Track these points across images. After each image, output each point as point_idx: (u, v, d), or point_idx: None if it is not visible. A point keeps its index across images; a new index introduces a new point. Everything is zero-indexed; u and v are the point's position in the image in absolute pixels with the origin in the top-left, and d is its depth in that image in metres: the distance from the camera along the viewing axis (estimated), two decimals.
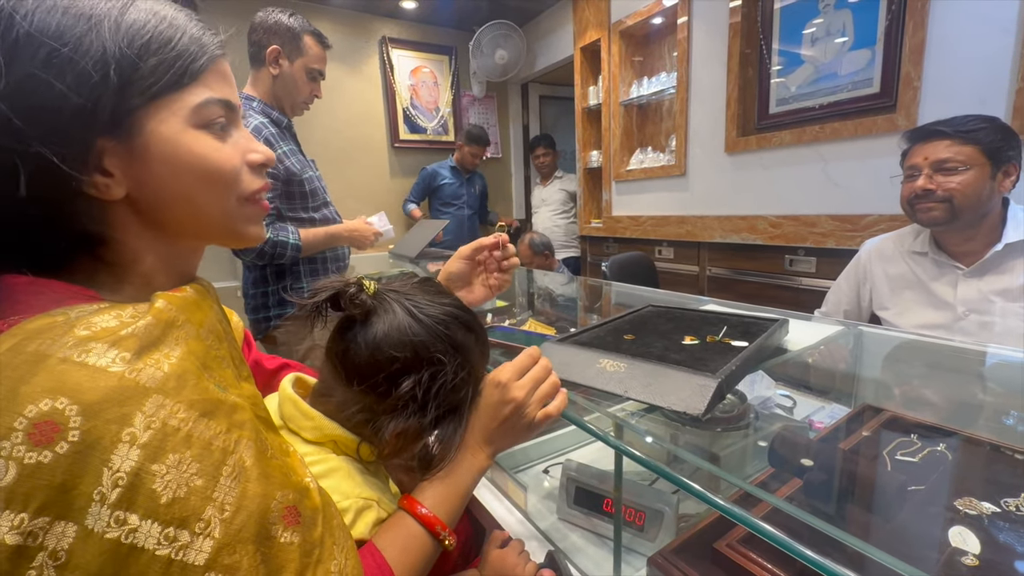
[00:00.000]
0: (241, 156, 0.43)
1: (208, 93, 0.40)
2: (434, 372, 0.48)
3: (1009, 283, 1.02)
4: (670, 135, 2.53)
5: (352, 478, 0.50)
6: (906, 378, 0.93)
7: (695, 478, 0.45)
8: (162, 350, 0.33)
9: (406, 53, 3.37)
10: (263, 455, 0.36)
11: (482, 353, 0.55)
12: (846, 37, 1.78)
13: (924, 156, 1.06)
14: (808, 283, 1.89)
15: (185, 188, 0.39)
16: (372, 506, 0.49)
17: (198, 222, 0.42)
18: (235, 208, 0.43)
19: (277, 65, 1.35)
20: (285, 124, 1.43)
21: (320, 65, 1.40)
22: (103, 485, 0.28)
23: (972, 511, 0.52)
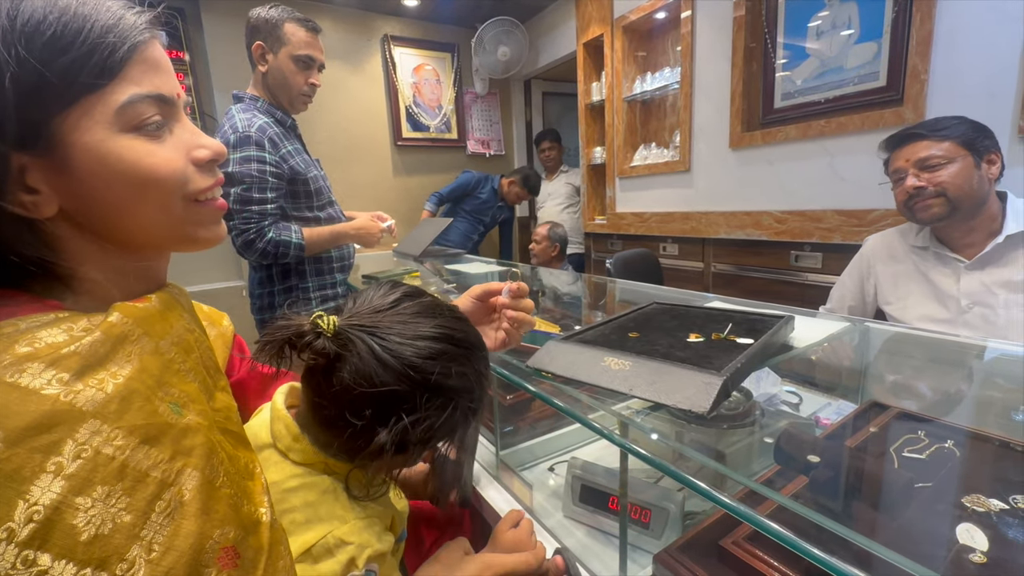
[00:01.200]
0: (184, 155, 0.39)
1: (133, 89, 0.35)
2: (413, 419, 0.44)
3: (1011, 275, 1.01)
4: (674, 131, 2.51)
5: (339, 501, 0.48)
6: (913, 374, 0.93)
7: (701, 475, 0.45)
8: (108, 369, 0.31)
9: (408, 51, 3.37)
10: (209, 485, 0.33)
11: (479, 376, 0.49)
12: (852, 30, 1.77)
13: (905, 159, 1.08)
14: (814, 279, 1.88)
15: (121, 199, 0.36)
16: (374, 521, 0.49)
17: (144, 231, 0.38)
18: (183, 212, 0.39)
19: (264, 61, 1.33)
20: (289, 124, 1.43)
21: (308, 51, 1.34)
22: (14, 520, 0.25)
23: (980, 508, 0.51)
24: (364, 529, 0.47)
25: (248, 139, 1.27)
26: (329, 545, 0.45)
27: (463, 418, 0.47)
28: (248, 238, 1.29)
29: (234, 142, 1.26)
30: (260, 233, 1.30)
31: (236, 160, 1.26)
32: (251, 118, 1.30)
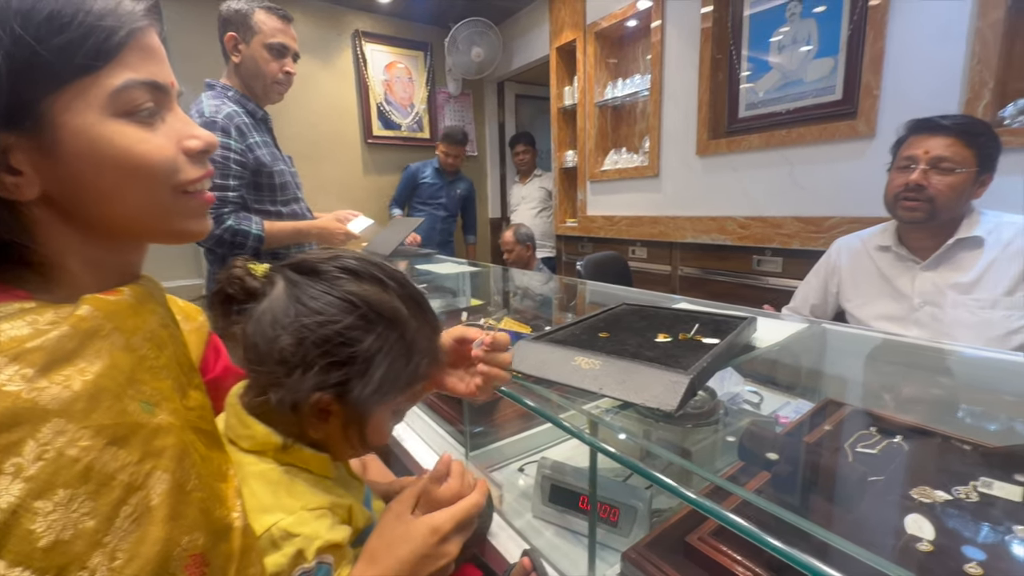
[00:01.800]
0: (175, 144, 0.38)
1: (128, 75, 0.34)
2: (317, 371, 0.42)
3: (960, 276, 1.08)
4: (644, 137, 2.57)
5: (293, 489, 0.45)
6: (865, 373, 0.97)
7: (668, 473, 0.46)
8: (76, 364, 0.29)
9: (380, 48, 3.32)
10: (179, 489, 0.32)
11: (392, 347, 0.45)
12: (811, 46, 1.85)
13: (925, 150, 1.06)
14: (775, 282, 1.95)
15: (109, 185, 0.35)
16: (325, 514, 0.46)
17: (129, 220, 0.37)
18: (170, 202, 0.38)
19: (237, 51, 1.32)
20: (260, 116, 1.41)
21: (281, 38, 1.33)
22: None
23: (926, 499, 0.54)
24: (313, 520, 0.45)
25: (214, 124, 1.25)
26: (274, 537, 0.43)
27: (378, 385, 0.44)
28: None
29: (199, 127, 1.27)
30: (218, 219, 1.27)
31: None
32: (220, 105, 1.28)
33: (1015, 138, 1.30)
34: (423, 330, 0.48)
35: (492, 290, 1.83)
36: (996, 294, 1.04)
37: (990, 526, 0.50)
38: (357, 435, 0.47)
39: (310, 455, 0.48)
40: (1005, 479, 0.56)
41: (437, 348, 0.52)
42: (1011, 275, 1.03)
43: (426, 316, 0.49)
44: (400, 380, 0.46)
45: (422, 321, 0.48)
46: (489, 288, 1.85)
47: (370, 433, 0.48)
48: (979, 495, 0.55)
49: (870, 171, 1.64)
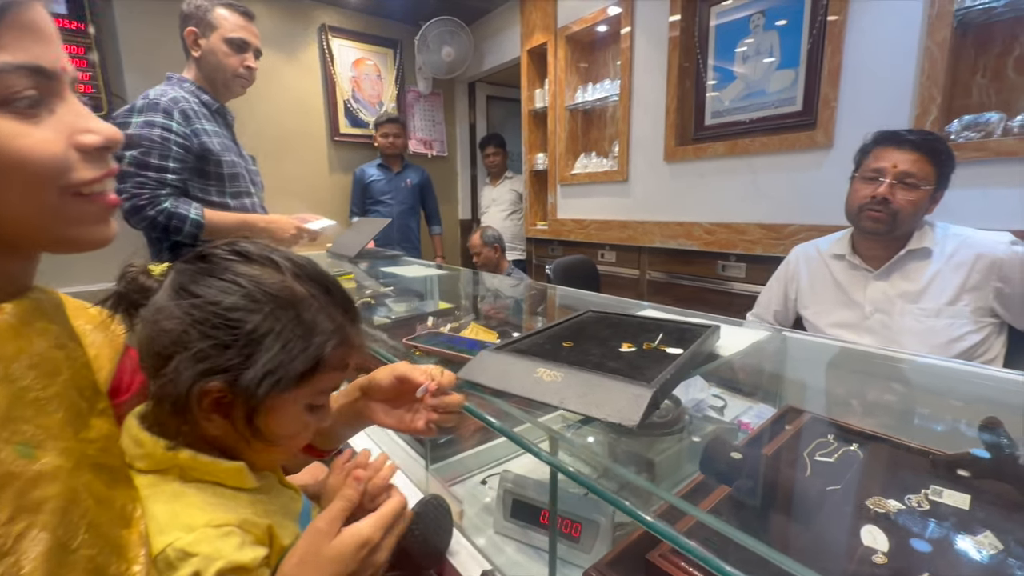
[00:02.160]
0: (65, 139, 0.33)
1: (3, 57, 0.29)
2: (204, 358, 0.40)
3: (909, 286, 1.12)
4: (613, 141, 2.59)
5: (195, 503, 0.41)
6: (824, 381, 0.99)
7: (629, 488, 0.45)
8: None
9: (348, 43, 3.23)
10: (61, 549, 0.28)
11: (283, 329, 0.42)
12: (773, 58, 1.90)
13: (894, 163, 1.07)
14: (739, 288, 2.00)
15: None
16: (232, 532, 0.41)
17: (7, 227, 0.32)
18: (57, 206, 0.33)
19: (197, 46, 1.31)
20: (216, 108, 1.38)
21: (240, 33, 1.34)
22: None
23: (880, 509, 0.55)
24: (217, 538, 0.40)
25: (156, 105, 1.23)
26: (170, 558, 0.37)
27: (270, 368, 0.41)
28: (138, 203, 1.21)
29: (140, 107, 1.22)
30: (153, 201, 1.22)
31: (138, 124, 1.21)
32: (166, 90, 1.27)
33: (960, 153, 1.36)
34: (326, 312, 0.45)
35: (460, 294, 1.80)
36: (940, 303, 1.08)
37: (940, 535, 0.51)
38: (259, 431, 0.42)
39: (222, 466, 0.43)
40: (953, 487, 0.57)
41: (351, 335, 0.47)
42: (954, 285, 1.08)
43: (332, 298, 0.46)
44: (297, 364, 0.42)
45: (325, 303, 0.45)
46: (458, 292, 1.82)
47: (275, 428, 0.43)
48: (930, 503, 0.56)
49: (828, 180, 1.69)
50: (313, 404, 0.46)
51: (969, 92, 1.48)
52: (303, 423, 0.46)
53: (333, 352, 0.44)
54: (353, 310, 0.48)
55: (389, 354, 0.83)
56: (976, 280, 1.06)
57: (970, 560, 0.48)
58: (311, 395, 0.45)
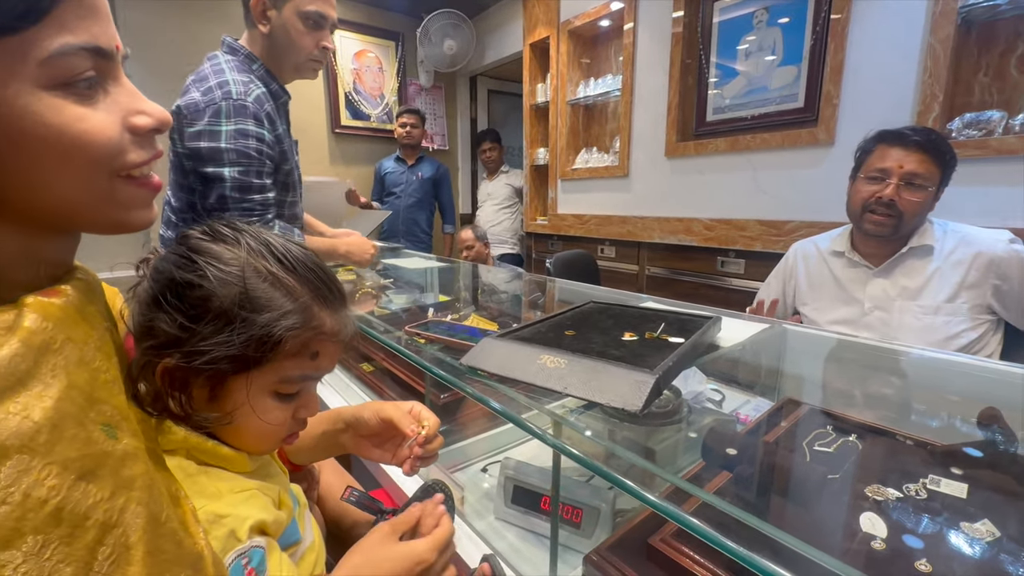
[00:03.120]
0: (120, 121, 0.32)
1: (65, 37, 0.28)
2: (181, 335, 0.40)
3: (909, 283, 1.12)
4: (614, 136, 2.58)
5: (213, 476, 0.43)
6: (823, 373, 1.00)
7: (631, 474, 0.45)
8: (32, 389, 0.26)
9: (349, 35, 3.22)
10: (155, 522, 0.29)
11: (238, 312, 0.41)
12: (775, 55, 1.90)
13: (899, 164, 1.05)
14: (738, 284, 2.00)
15: (37, 170, 0.29)
16: (254, 494, 0.43)
17: (59, 209, 0.32)
18: (107, 189, 0.33)
19: (266, 20, 1.08)
20: (283, 100, 1.19)
21: (319, 6, 1.09)
22: None
23: (879, 497, 0.55)
24: (242, 502, 0.42)
25: (244, 109, 1.03)
26: (202, 523, 0.39)
27: (219, 341, 0.40)
28: None
29: (227, 110, 1.01)
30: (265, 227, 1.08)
31: (231, 134, 1.00)
32: (248, 84, 1.06)
33: (961, 151, 1.37)
34: (283, 289, 0.43)
35: (460, 286, 1.80)
36: (938, 301, 1.09)
37: (938, 522, 0.52)
38: (218, 413, 0.42)
39: (223, 452, 0.44)
40: (951, 476, 0.58)
41: (318, 318, 0.44)
42: (952, 283, 1.08)
43: (296, 276, 0.44)
44: (239, 338, 0.40)
45: (287, 281, 0.43)
46: (457, 284, 1.82)
47: (237, 412, 0.43)
48: (928, 492, 0.56)
49: (829, 178, 1.69)
50: (281, 391, 0.45)
51: (971, 90, 1.48)
52: (269, 411, 0.44)
53: (290, 335, 0.42)
54: (328, 291, 0.46)
55: (392, 342, 0.84)
56: (975, 278, 1.07)
57: (968, 546, 0.48)
58: (274, 382, 0.44)
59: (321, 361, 0.46)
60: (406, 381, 1.09)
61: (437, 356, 0.74)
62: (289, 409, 0.46)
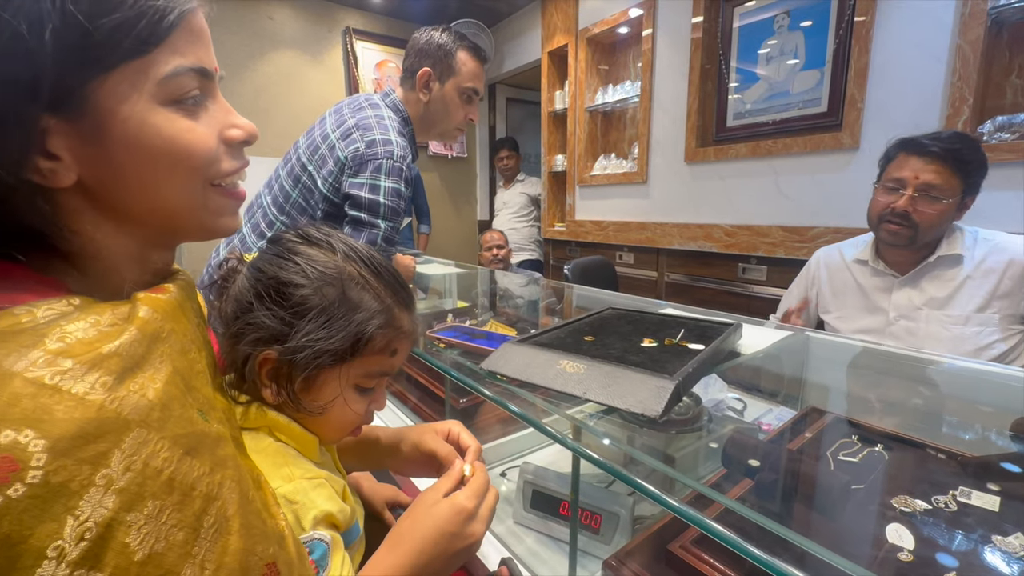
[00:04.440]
0: (217, 134, 0.36)
1: (178, 60, 0.32)
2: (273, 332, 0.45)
3: (936, 292, 1.09)
4: (633, 143, 2.58)
5: (289, 459, 0.45)
6: (848, 382, 0.98)
7: (650, 480, 0.45)
8: (146, 372, 0.28)
9: (371, 46, 3.29)
10: (244, 499, 0.32)
11: (321, 311, 0.45)
12: (797, 59, 1.88)
13: (915, 174, 1.03)
14: (759, 290, 1.97)
15: (150, 175, 0.33)
16: (323, 483, 0.46)
17: (163, 213, 0.35)
18: (201, 196, 0.36)
19: (427, 89, 1.19)
20: (414, 172, 1.31)
21: (475, 83, 1.21)
22: (64, 539, 0.23)
23: (907, 508, 0.54)
24: (311, 489, 0.44)
25: (400, 171, 1.11)
26: (309, 487, 0.43)
27: (314, 336, 0.44)
28: None
29: (387, 168, 1.09)
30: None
31: (389, 191, 1.09)
32: (406, 148, 1.14)
33: (992, 154, 1.33)
34: (373, 293, 0.47)
35: (479, 292, 1.81)
36: (968, 311, 1.06)
37: (968, 535, 0.50)
38: (309, 403, 0.46)
39: (299, 431, 0.47)
40: (983, 489, 0.56)
41: (399, 319, 0.49)
42: (983, 292, 1.05)
43: (382, 282, 0.49)
44: (338, 337, 0.44)
45: (375, 285, 0.48)
46: (475, 289, 1.84)
47: (325, 403, 0.46)
48: (958, 504, 0.55)
49: (854, 182, 1.66)
50: (362, 386, 0.49)
51: (1003, 92, 1.45)
52: (353, 403, 0.48)
53: (378, 333, 0.46)
54: (405, 296, 0.50)
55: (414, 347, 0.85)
56: (1008, 287, 1.04)
57: (1001, 560, 0.47)
58: (359, 376, 0.48)
59: (397, 358, 0.51)
60: (426, 385, 1.10)
61: (457, 360, 0.76)
62: (366, 402, 0.50)
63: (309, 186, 1.15)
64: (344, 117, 1.17)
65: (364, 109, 1.17)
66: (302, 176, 1.15)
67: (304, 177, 1.15)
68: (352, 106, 1.19)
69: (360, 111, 1.16)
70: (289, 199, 1.17)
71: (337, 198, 1.13)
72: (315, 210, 1.15)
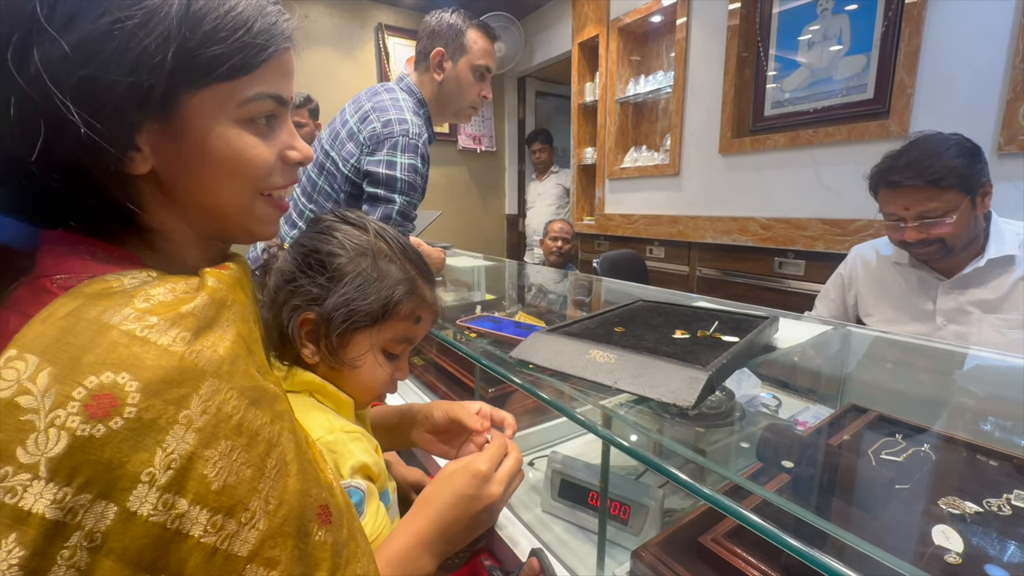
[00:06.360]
0: (278, 153, 0.41)
1: (260, 87, 0.37)
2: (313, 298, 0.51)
3: (987, 294, 1.03)
4: (665, 134, 2.53)
5: (328, 414, 0.51)
6: (892, 379, 0.94)
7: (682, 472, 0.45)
8: (216, 332, 0.32)
9: (403, 41, 3.33)
10: (299, 450, 0.35)
11: (357, 278, 0.51)
12: (842, 44, 1.80)
13: (905, 206, 1.00)
14: (796, 286, 1.91)
15: (213, 179, 0.37)
16: (360, 437, 0.50)
17: (213, 211, 0.39)
18: (250, 203, 0.40)
19: (441, 69, 1.22)
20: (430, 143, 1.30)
21: (487, 60, 1.23)
22: (154, 466, 0.27)
23: (956, 510, 0.52)
24: (349, 442, 0.49)
25: (416, 148, 1.15)
26: (347, 439, 0.48)
27: (348, 298, 0.50)
28: None
29: (403, 145, 1.13)
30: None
31: (406, 167, 1.13)
32: (421, 127, 1.18)
33: None
34: (399, 265, 0.54)
35: (507, 284, 1.82)
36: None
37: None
38: (343, 360, 0.51)
39: (333, 391, 0.52)
40: None
41: (422, 288, 0.55)
42: None
43: (407, 255, 0.55)
44: (370, 301, 0.50)
45: (402, 259, 0.54)
46: (503, 282, 1.84)
47: (356, 361, 0.52)
48: (1012, 508, 0.52)
49: None
50: (388, 350, 0.54)
51: None
52: (381, 366, 0.54)
53: (404, 300, 0.52)
54: (427, 271, 0.57)
55: (444, 335, 0.87)
56: None
57: None
58: (387, 340, 0.53)
59: (421, 326, 0.56)
60: (455, 374, 1.12)
61: (487, 349, 0.76)
62: (391, 368, 0.55)
63: (332, 171, 1.19)
64: (361, 103, 1.21)
65: (380, 94, 1.21)
66: (326, 163, 1.19)
67: (328, 164, 1.19)
68: (368, 93, 1.23)
69: (376, 96, 1.21)
70: (316, 187, 1.22)
71: (358, 178, 1.17)
72: (339, 193, 1.20)
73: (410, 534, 0.46)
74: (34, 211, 0.35)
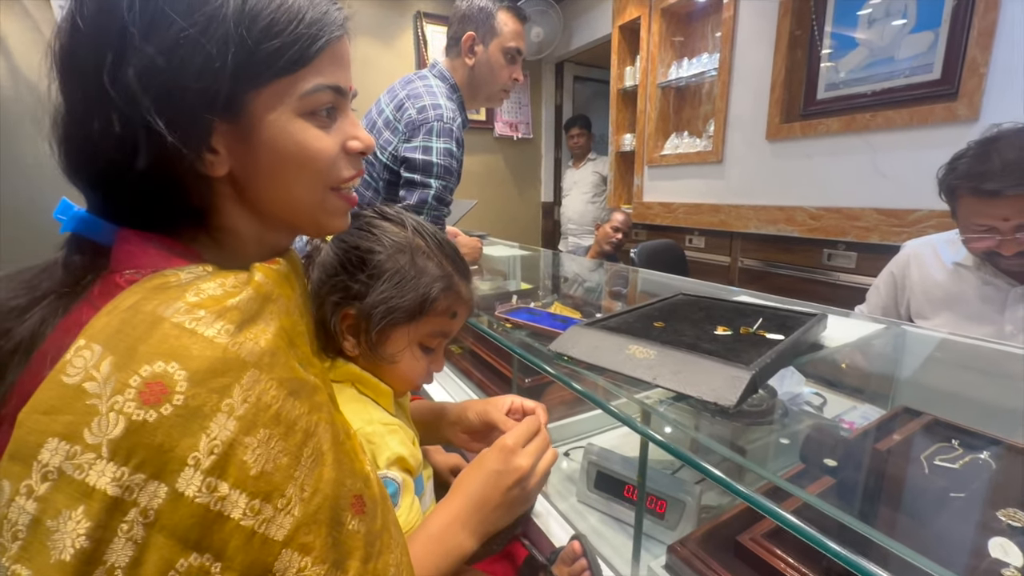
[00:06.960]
0: (340, 143, 0.42)
1: (318, 79, 0.38)
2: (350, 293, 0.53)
3: None
4: (708, 120, 2.44)
5: (368, 406, 0.53)
6: (950, 381, 0.89)
7: (720, 470, 0.45)
8: (258, 325, 0.34)
9: (440, 29, 3.33)
10: (336, 440, 0.36)
11: (394, 274, 0.53)
12: (906, 20, 1.67)
13: (1004, 217, 0.90)
14: (847, 279, 1.82)
15: (282, 174, 0.39)
16: (396, 430, 0.52)
17: (287, 207, 0.41)
18: (321, 198, 0.42)
19: (472, 54, 1.22)
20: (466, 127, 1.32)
21: (517, 42, 1.23)
22: (199, 451, 0.28)
23: (1016, 523, 0.49)
24: (387, 434, 0.51)
25: (450, 132, 1.17)
26: (384, 432, 0.50)
27: (387, 294, 0.52)
28: None
29: (438, 130, 1.15)
30: (436, 223, 1.19)
31: (441, 152, 1.15)
32: (455, 111, 1.20)
33: None
34: (437, 261, 0.55)
35: (542, 274, 1.82)
36: None
37: None
38: (383, 354, 0.53)
39: (374, 381, 0.55)
40: None
41: (458, 284, 0.56)
42: None
43: (444, 253, 0.56)
44: (408, 296, 0.52)
45: (439, 256, 0.56)
46: (539, 272, 1.85)
47: (394, 355, 0.54)
48: None
49: None
50: (425, 345, 0.56)
51: None
52: (418, 359, 0.56)
53: (441, 296, 0.54)
54: (463, 267, 0.58)
55: (481, 325, 0.88)
56: None
57: None
58: (423, 335, 0.55)
59: (456, 321, 0.58)
60: (492, 363, 1.14)
61: (525, 341, 0.78)
62: (428, 361, 0.57)
63: (371, 159, 1.21)
64: (396, 91, 1.23)
65: (413, 82, 1.23)
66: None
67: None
68: (402, 81, 1.25)
69: (410, 84, 1.22)
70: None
71: (396, 166, 1.20)
72: (378, 181, 1.22)
73: (447, 512, 0.49)
74: (117, 212, 0.38)
